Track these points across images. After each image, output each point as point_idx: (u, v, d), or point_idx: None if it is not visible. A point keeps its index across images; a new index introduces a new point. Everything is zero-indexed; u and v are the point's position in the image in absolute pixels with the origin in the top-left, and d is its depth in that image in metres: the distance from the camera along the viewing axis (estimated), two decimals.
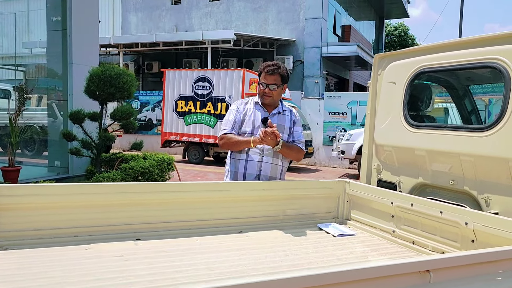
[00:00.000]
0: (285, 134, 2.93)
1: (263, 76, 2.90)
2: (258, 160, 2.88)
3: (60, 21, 7.72)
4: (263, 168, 2.89)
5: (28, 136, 7.33)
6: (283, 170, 3.00)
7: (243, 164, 2.91)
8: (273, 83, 2.86)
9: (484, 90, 4.24)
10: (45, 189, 2.25)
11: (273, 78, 2.86)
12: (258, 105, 2.98)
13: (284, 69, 2.93)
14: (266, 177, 2.91)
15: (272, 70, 2.85)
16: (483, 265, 1.32)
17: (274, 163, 2.91)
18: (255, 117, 2.92)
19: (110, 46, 18.69)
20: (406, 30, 38.31)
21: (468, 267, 1.31)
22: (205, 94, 12.46)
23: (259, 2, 19.13)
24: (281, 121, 2.95)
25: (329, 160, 13.17)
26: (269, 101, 2.94)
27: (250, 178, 2.91)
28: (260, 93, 2.93)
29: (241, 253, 2.23)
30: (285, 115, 3.00)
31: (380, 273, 1.28)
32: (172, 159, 7.57)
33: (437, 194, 2.57)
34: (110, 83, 6.55)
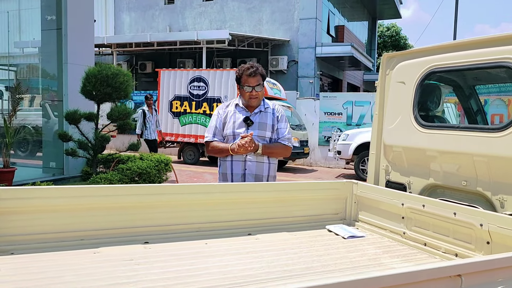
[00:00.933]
0: (267, 131, 2.99)
1: (245, 79, 2.94)
2: (242, 160, 2.96)
3: (55, 20, 7.62)
4: (248, 166, 2.97)
5: (23, 136, 7.22)
6: (270, 167, 3.05)
7: (229, 164, 2.99)
8: (257, 84, 2.92)
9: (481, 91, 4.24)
10: (51, 191, 2.19)
11: (255, 79, 2.92)
12: (239, 107, 3.03)
13: (262, 68, 3.02)
14: (252, 175, 2.98)
15: (253, 72, 2.91)
16: None
17: (258, 161, 2.98)
18: (235, 118, 3.00)
19: (104, 46, 18.53)
20: (398, 30, 38.53)
21: (500, 270, 1.28)
22: (200, 94, 12.39)
23: (253, 2, 19.10)
24: (263, 119, 3.01)
25: (324, 161, 13.17)
26: (257, 103, 2.99)
27: (236, 178, 2.99)
28: (246, 96, 2.96)
29: (252, 256, 2.19)
30: (267, 112, 3.04)
31: (411, 279, 1.25)
32: (169, 159, 7.50)
33: (448, 195, 2.55)
34: (107, 83, 6.47)
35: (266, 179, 3.05)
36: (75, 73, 7.44)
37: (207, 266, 2.01)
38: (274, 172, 3.11)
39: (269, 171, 3.04)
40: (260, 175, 3.00)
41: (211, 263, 2.05)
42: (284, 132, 3.05)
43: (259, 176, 3.00)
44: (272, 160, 3.06)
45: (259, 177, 3.00)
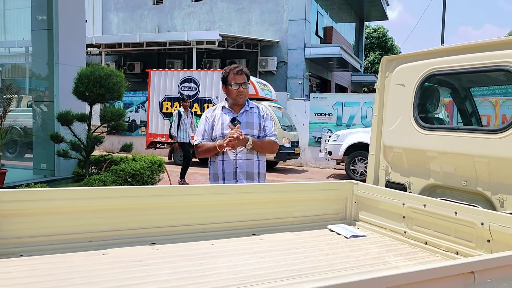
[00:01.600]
0: (255, 130, 3.12)
1: (232, 77, 3.08)
2: (233, 159, 3.06)
3: (45, 20, 7.55)
4: (239, 165, 3.07)
5: (14, 138, 7.13)
6: (260, 164, 3.16)
7: (220, 164, 3.08)
8: (243, 82, 3.07)
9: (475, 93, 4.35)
10: (59, 193, 2.19)
11: (242, 77, 3.08)
12: (225, 109, 3.17)
13: (246, 69, 3.19)
14: (243, 173, 3.07)
15: (240, 71, 3.08)
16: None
17: (249, 158, 3.08)
18: (223, 120, 3.12)
19: (92, 46, 18.36)
20: (385, 32, 38.94)
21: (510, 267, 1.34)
22: (191, 95, 12.37)
23: (243, 3, 19.14)
24: (249, 119, 3.14)
25: (315, 161, 13.26)
26: (243, 100, 3.13)
27: (228, 177, 3.07)
28: (233, 94, 3.09)
29: (259, 256, 2.22)
30: (253, 112, 3.18)
31: (425, 277, 1.29)
32: (162, 160, 7.49)
33: (448, 195, 2.62)
34: (100, 84, 6.45)
35: (257, 176, 3.14)
36: (67, 73, 7.39)
37: (217, 266, 2.03)
38: (264, 169, 3.22)
39: (259, 168, 3.15)
40: (251, 172, 3.10)
41: (220, 263, 2.08)
42: (271, 129, 3.19)
43: (250, 174, 3.10)
44: (261, 157, 3.17)
45: (250, 174, 3.10)
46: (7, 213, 2.04)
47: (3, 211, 2.03)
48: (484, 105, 8.34)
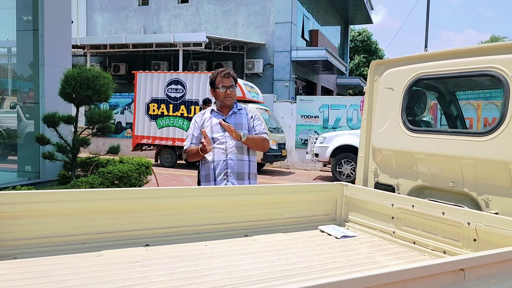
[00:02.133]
0: (244, 130, 3.18)
1: (219, 80, 3.16)
2: (223, 159, 3.10)
3: (31, 21, 7.46)
4: (229, 165, 3.11)
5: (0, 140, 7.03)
6: (251, 164, 3.22)
7: (211, 165, 3.13)
8: (231, 85, 3.16)
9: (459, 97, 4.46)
10: (54, 195, 2.19)
11: (229, 80, 3.16)
12: (214, 112, 3.24)
13: (233, 72, 3.27)
14: (234, 173, 3.12)
15: (227, 74, 3.17)
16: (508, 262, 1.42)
17: (239, 159, 3.14)
18: (212, 123, 3.18)
19: (76, 47, 18.15)
20: (369, 35, 39.40)
21: (500, 263, 1.40)
22: (178, 97, 12.35)
23: (229, 5, 19.17)
24: (238, 120, 3.21)
25: (301, 163, 13.35)
26: (230, 102, 3.20)
27: (219, 177, 3.12)
28: (221, 96, 3.17)
29: (254, 257, 2.26)
30: (241, 113, 3.26)
31: (418, 274, 1.34)
32: (150, 163, 7.46)
33: (435, 196, 2.69)
34: (87, 86, 6.39)
35: (247, 176, 3.20)
36: (52, 75, 7.30)
37: (212, 267, 2.06)
38: (255, 170, 3.27)
39: (249, 169, 3.20)
40: (242, 173, 3.15)
41: (215, 264, 2.10)
42: (261, 127, 3.27)
43: (240, 174, 3.15)
44: (251, 157, 3.23)
45: (240, 174, 3.15)
46: (1, 216, 2.04)
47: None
48: (467, 108, 8.52)
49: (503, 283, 1.41)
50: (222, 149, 3.12)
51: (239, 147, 3.13)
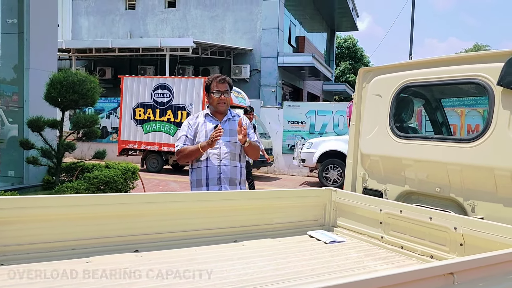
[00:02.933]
0: (237, 137, 3.15)
1: (214, 85, 3.17)
2: (217, 165, 3.12)
3: (16, 24, 7.36)
4: (223, 170, 3.13)
5: None
6: (242, 171, 3.25)
7: (204, 170, 3.13)
8: (225, 90, 3.17)
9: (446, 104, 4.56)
10: (43, 201, 2.17)
11: (224, 85, 3.17)
12: (209, 116, 3.24)
13: (229, 79, 3.29)
14: (227, 179, 3.14)
15: (222, 79, 3.18)
16: (502, 265, 1.45)
17: (232, 165, 3.16)
18: (206, 127, 3.18)
19: (61, 50, 17.95)
20: (355, 42, 39.84)
21: (488, 267, 1.43)
22: (164, 102, 12.29)
23: (216, 10, 19.21)
24: (232, 126, 3.22)
25: (288, 168, 13.39)
26: (225, 108, 3.22)
27: (212, 182, 3.12)
28: (215, 101, 3.18)
29: (244, 262, 2.26)
30: (235, 120, 3.25)
31: (409, 278, 1.36)
32: (136, 168, 7.41)
33: (422, 201, 2.73)
34: (73, 90, 6.32)
35: (238, 182, 3.22)
36: (37, 78, 7.21)
37: (203, 272, 2.05)
38: (244, 176, 3.31)
39: (241, 175, 3.24)
40: (234, 179, 3.17)
41: (206, 269, 2.10)
42: (254, 136, 3.32)
43: (233, 180, 3.17)
44: (242, 164, 3.26)
45: (233, 180, 3.17)
46: None
47: None
48: (450, 115, 8.68)
49: (491, 287, 1.45)
50: (216, 155, 3.12)
51: (232, 153, 3.15)
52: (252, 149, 3.18)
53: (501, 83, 2.24)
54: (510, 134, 2.22)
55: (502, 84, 2.24)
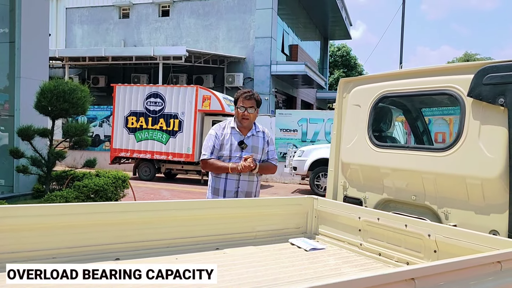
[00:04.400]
0: (259, 154, 3.32)
1: (241, 101, 3.26)
2: (236, 179, 3.26)
3: (7, 33, 7.41)
4: (241, 185, 3.27)
5: None
6: (257, 184, 3.39)
7: (223, 182, 3.28)
8: (250, 106, 3.23)
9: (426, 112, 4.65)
10: (24, 210, 2.20)
11: (250, 102, 3.24)
12: (234, 130, 3.33)
13: (258, 95, 3.35)
14: (244, 192, 3.28)
15: (249, 96, 3.25)
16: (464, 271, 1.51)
17: (250, 180, 3.30)
18: (232, 141, 3.29)
19: (55, 59, 17.99)
20: (349, 50, 40.19)
21: (450, 273, 1.49)
22: (157, 110, 12.34)
23: (210, 19, 19.35)
24: (255, 143, 3.32)
25: (280, 176, 13.44)
26: (247, 124, 3.30)
27: (229, 194, 3.27)
28: (239, 116, 3.27)
29: (223, 269, 2.29)
30: (259, 136, 3.37)
31: (372, 283, 1.41)
32: (126, 176, 7.42)
33: (400, 209, 2.79)
34: (64, 99, 6.37)
35: (254, 195, 3.36)
36: (28, 87, 7.25)
37: (180, 281, 2.09)
38: (259, 188, 3.45)
39: (256, 188, 3.37)
40: (250, 192, 3.31)
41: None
42: (274, 154, 3.45)
43: (249, 193, 3.31)
44: (259, 177, 3.40)
45: (249, 193, 3.31)
46: None
47: None
48: (439, 123, 8.79)
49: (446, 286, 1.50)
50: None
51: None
52: (263, 170, 3.33)
53: (471, 95, 2.32)
54: (480, 143, 2.29)
55: (471, 95, 2.32)
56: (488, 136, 2.25)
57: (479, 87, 2.27)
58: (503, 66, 2.20)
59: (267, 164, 3.36)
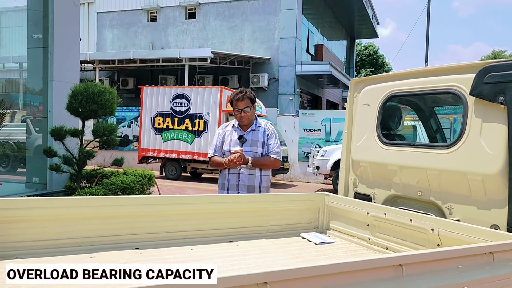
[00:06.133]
0: (259, 147, 3.44)
1: (235, 103, 3.43)
2: (236, 173, 3.42)
3: (41, 39, 7.81)
4: (241, 178, 3.41)
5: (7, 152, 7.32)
6: (262, 179, 3.46)
7: (227, 176, 3.45)
8: (245, 107, 3.39)
9: (448, 111, 4.66)
10: (53, 202, 2.42)
11: (243, 103, 3.39)
12: (235, 127, 3.51)
13: (250, 92, 3.49)
14: (245, 186, 3.40)
15: (241, 97, 3.40)
16: (450, 260, 1.61)
17: (251, 173, 3.41)
18: (231, 137, 3.47)
19: (86, 62, 18.65)
20: (376, 49, 39.71)
21: (436, 262, 1.59)
22: (183, 111, 12.64)
23: (235, 21, 19.59)
24: (255, 137, 3.46)
25: (304, 176, 13.51)
26: (247, 122, 3.46)
27: (232, 188, 3.41)
28: (237, 117, 3.46)
29: (233, 260, 2.45)
30: (259, 131, 3.50)
31: (362, 266, 1.54)
32: (152, 175, 7.70)
33: (407, 205, 2.87)
34: (93, 100, 6.67)
35: (258, 189, 3.45)
36: (60, 90, 7.61)
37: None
38: (267, 183, 3.54)
39: (260, 182, 3.46)
40: (252, 186, 3.42)
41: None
42: (274, 147, 3.49)
43: (251, 187, 3.42)
44: (264, 172, 3.49)
45: (251, 187, 3.42)
46: (3, 220, 2.26)
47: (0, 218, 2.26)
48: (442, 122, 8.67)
49: (437, 278, 1.60)
50: None
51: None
52: (260, 164, 3.41)
53: (472, 93, 2.38)
54: (481, 141, 2.36)
55: (473, 94, 2.38)
56: (489, 134, 2.31)
57: (480, 86, 2.33)
58: (503, 65, 2.26)
59: (265, 158, 3.43)
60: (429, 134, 3.57)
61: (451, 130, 5.56)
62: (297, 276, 1.37)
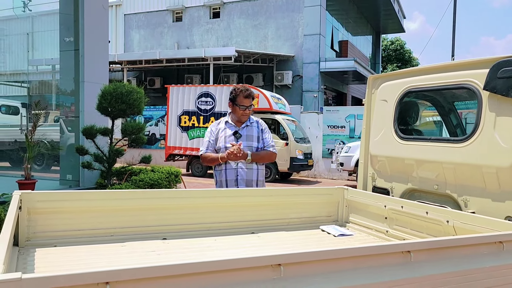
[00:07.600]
0: (254, 142, 3.50)
1: (241, 100, 3.44)
2: (234, 167, 3.44)
3: (72, 42, 8.15)
4: (239, 173, 3.44)
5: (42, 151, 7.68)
6: (259, 172, 3.53)
7: (224, 173, 3.47)
8: (250, 104, 3.46)
9: (468, 106, 4.66)
10: (88, 195, 2.62)
11: (249, 100, 3.46)
12: (228, 123, 3.55)
13: (252, 90, 3.54)
14: (243, 180, 3.46)
15: (248, 94, 3.45)
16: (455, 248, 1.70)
17: (248, 168, 3.47)
18: (226, 133, 3.50)
19: (114, 63, 19.18)
20: (403, 44, 39.03)
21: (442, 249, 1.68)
22: (208, 109, 12.87)
23: (259, 19, 19.72)
24: (249, 132, 3.53)
25: (328, 172, 13.52)
26: (246, 119, 3.52)
27: (230, 183, 3.45)
28: (239, 114, 3.48)
29: (253, 249, 2.59)
30: (253, 126, 3.56)
31: (373, 252, 1.64)
32: (179, 172, 7.92)
33: (424, 198, 2.93)
34: (122, 100, 6.92)
35: (255, 183, 3.53)
36: (91, 90, 7.93)
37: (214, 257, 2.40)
38: (262, 177, 3.61)
39: (257, 176, 3.53)
40: (250, 180, 3.48)
41: (219, 255, 2.45)
42: (269, 141, 3.57)
43: (249, 181, 3.48)
44: (260, 166, 3.55)
45: (249, 181, 3.49)
46: (43, 211, 2.47)
47: (40, 209, 2.46)
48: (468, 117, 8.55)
49: (443, 264, 1.68)
50: None
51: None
52: (259, 158, 3.47)
53: (486, 88, 2.43)
54: (495, 134, 2.40)
55: (487, 89, 2.43)
56: (502, 127, 2.35)
57: (494, 81, 2.38)
58: None
59: (263, 151, 3.49)
60: (449, 129, 3.61)
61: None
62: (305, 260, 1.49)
